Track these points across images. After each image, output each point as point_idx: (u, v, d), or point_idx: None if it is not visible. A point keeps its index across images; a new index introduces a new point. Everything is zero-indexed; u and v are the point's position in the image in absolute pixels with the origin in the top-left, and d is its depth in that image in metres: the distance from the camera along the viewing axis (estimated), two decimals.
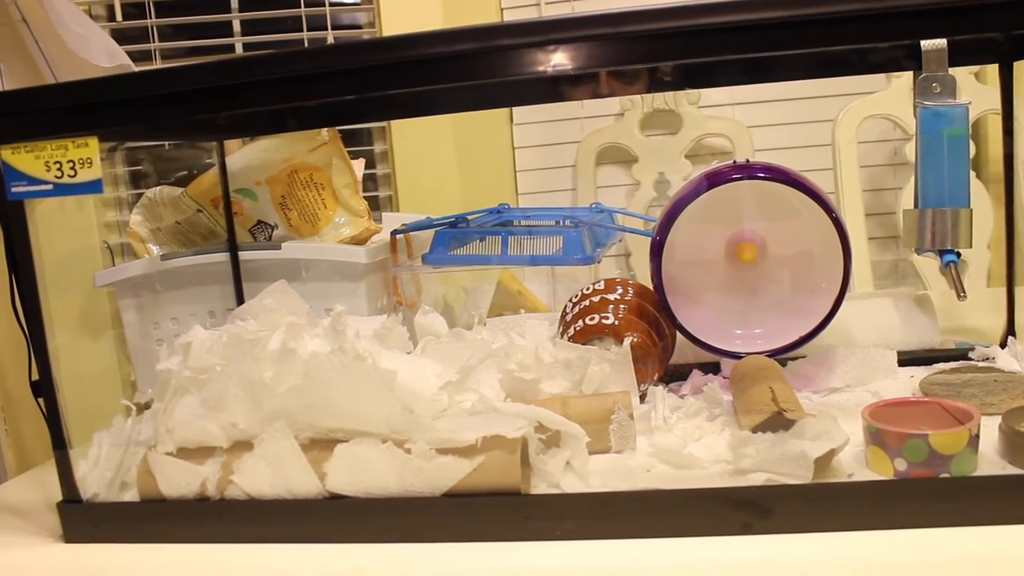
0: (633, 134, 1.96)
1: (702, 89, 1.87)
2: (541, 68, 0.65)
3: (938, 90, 0.71)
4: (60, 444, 0.75)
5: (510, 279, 1.24)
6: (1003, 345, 0.94)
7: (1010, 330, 0.96)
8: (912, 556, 0.60)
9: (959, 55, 0.68)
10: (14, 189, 0.72)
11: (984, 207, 1.66)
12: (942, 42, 0.68)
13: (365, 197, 1.19)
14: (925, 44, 0.68)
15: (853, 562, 0.60)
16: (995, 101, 0.96)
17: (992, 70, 0.94)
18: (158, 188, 1.18)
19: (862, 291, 1.62)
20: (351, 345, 0.73)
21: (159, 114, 0.73)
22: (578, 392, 0.83)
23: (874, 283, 1.80)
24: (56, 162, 0.72)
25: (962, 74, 0.72)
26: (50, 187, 0.72)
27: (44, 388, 0.75)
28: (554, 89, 0.89)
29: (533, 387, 0.81)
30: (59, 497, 0.75)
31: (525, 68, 0.65)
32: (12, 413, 2.01)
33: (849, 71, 0.91)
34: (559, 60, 0.64)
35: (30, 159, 0.72)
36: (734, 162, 0.87)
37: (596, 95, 0.87)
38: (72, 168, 0.72)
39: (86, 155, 0.71)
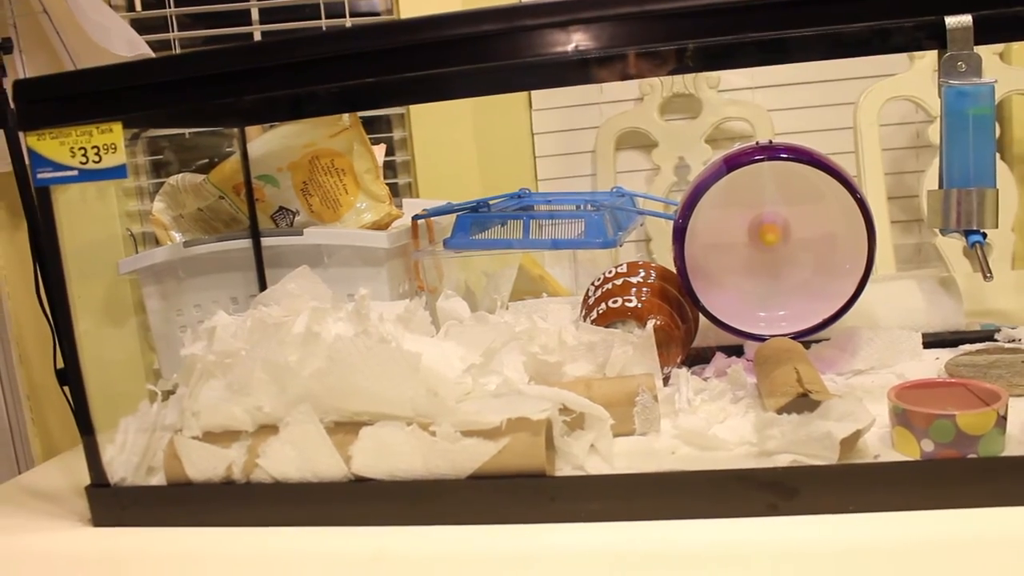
0: (653, 119, 1.95)
1: (722, 72, 1.86)
2: (564, 49, 0.64)
3: (963, 69, 0.71)
4: (88, 429, 0.75)
5: (531, 263, 1.24)
6: None
7: None
8: (939, 537, 0.59)
9: (985, 32, 0.67)
10: (40, 175, 0.72)
11: (1009, 189, 1.64)
12: (967, 19, 0.67)
13: (385, 184, 1.19)
14: (950, 21, 0.68)
15: (879, 543, 0.59)
16: (1020, 82, 0.95)
17: (1018, 50, 0.93)
18: (180, 175, 1.19)
19: (885, 273, 1.60)
20: (375, 328, 0.74)
21: (182, 99, 0.73)
22: (602, 375, 0.83)
23: (896, 266, 1.78)
24: (81, 148, 0.72)
25: (986, 54, 0.71)
26: (75, 173, 0.72)
27: (71, 374, 0.76)
28: (575, 71, 0.88)
29: (557, 370, 0.81)
30: (87, 482, 0.76)
31: (548, 49, 0.65)
32: (37, 402, 2.03)
33: (871, 51, 0.89)
34: (582, 40, 0.64)
35: (55, 145, 0.72)
36: (756, 143, 0.86)
37: (617, 77, 0.86)
38: (97, 154, 0.72)
39: (110, 140, 0.72)
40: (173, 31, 2.05)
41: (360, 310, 0.76)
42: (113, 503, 0.74)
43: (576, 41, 0.64)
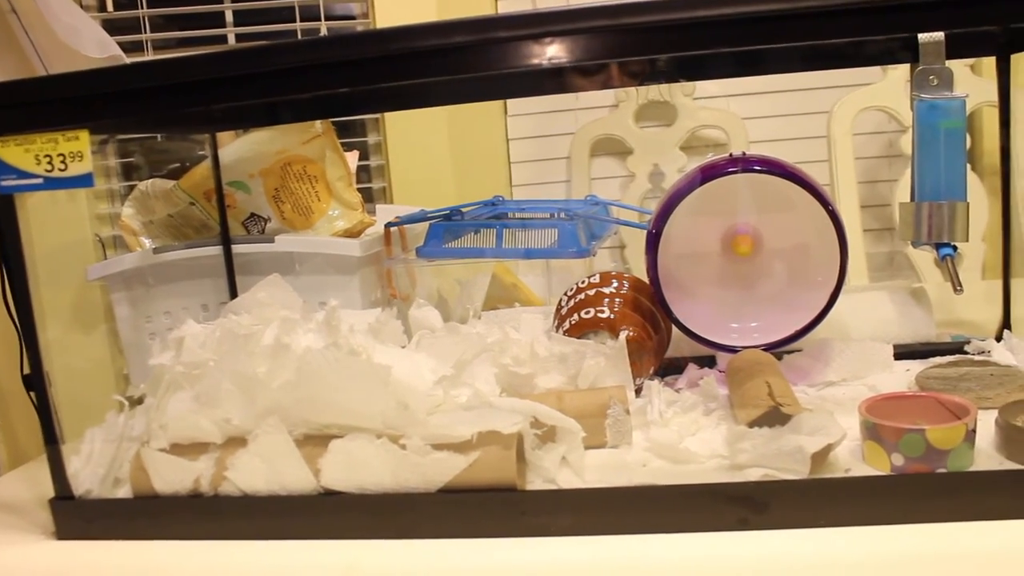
0: (628, 126, 1.95)
1: (697, 81, 1.86)
2: (537, 61, 0.64)
3: (935, 83, 0.71)
4: (52, 439, 0.74)
5: (505, 272, 1.23)
6: (999, 338, 0.94)
7: (1006, 323, 0.95)
8: (909, 551, 0.59)
9: (956, 48, 0.68)
10: (3, 183, 0.71)
11: (979, 199, 1.66)
12: (939, 35, 0.67)
13: (359, 188, 1.19)
14: (922, 37, 0.68)
15: (850, 558, 0.59)
16: (991, 93, 0.96)
17: (988, 62, 0.94)
18: (150, 181, 1.18)
19: (857, 284, 1.61)
20: (345, 340, 0.73)
21: (151, 107, 0.72)
22: (574, 386, 0.83)
23: (869, 275, 1.80)
24: (46, 155, 0.71)
25: (958, 66, 0.71)
26: (40, 181, 0.71)
27: (35, 384, 0.75)
28: (550, 81, 0.88)
29: (528, 382, 0.81)
30: (51, 493, 0.74)
31: (521, 61, 0.64)
32: (4, 407, 2.00)
33: (845, 63, 0.90)
34: (556, 53, 0.64)
35: (19, 152, 0.71)
36: (730, 155, 0.86)
37: (592, 87, 0.86)
38: (63, 161, 0.71)
39: (77, 148, 0.71)
40: (145, 32, 2.03)
41: (330, 321, 0.75)
42: (78, 516, 0.73)
43: (550, 53, 0.64)
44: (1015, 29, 0.81)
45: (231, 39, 2.08)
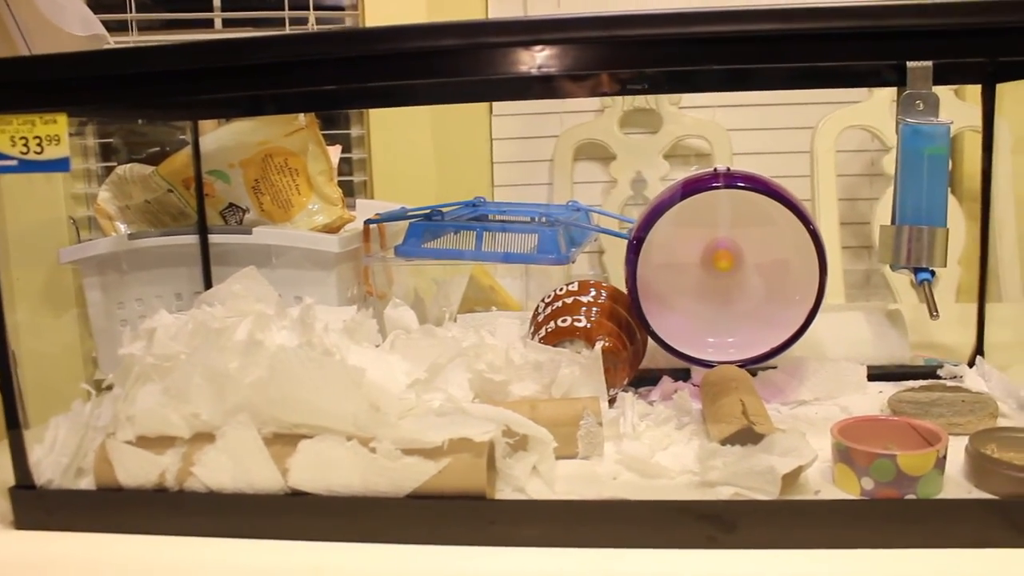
0: (612, 131, 1.95)
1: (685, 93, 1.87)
2: (527, 68, 0.64)
3: (921, 108, 0.71)
4: (14, 425, 0.72)
5: (483, 274, 1.23)
6: (971, 364, 0.95)
7: (979, 349, 0.96)
8: None
9: (943, 74, 0.68)
10: None
11: (957, 222, 1.67)
12: (928, 62, 0.68)
13: (340, 181, 1.18)
14: (911, 63, 0.68)
15: None
16: (973, 118, 0.97)
17: (972, 88, 0.95)
18: (128, 165, 1.16)
19: (834, 302, 1.62)
20: (319, 339, 0.72)
21: (133, 94, 0.71)
22: (548, 395, 0.82)
23: (845, 293, 1.81)
24: (22, 137, 0.69)
25: (942, 89, 0.71)
26: (15, 163, 0.70)
27: (0, 366, 0.73)
28: (537, 87, 0.88)
29: (502, 389, 0.81)
30: (11, 481, 0.73)
31: (511, 67, 0.64)
32: None
33: (833, 84, 0.91)
34: (546, 60, 0.63)
35: None
36: (715, 169, 0.86)
37: (579, 95, 0.86)
38: (39, 145, 0.69)
39: (54, 132, 0.69)
40: (131, 12, 2.01)
41: (305, 319, 0.74)
42: (38, 506, 0.72)
43: (539, 60, 0.63)
44: (1002, 61, 0.82)
45: (218, 23, 2.06)
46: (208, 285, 1.04)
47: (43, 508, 0.72)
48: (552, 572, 0.62)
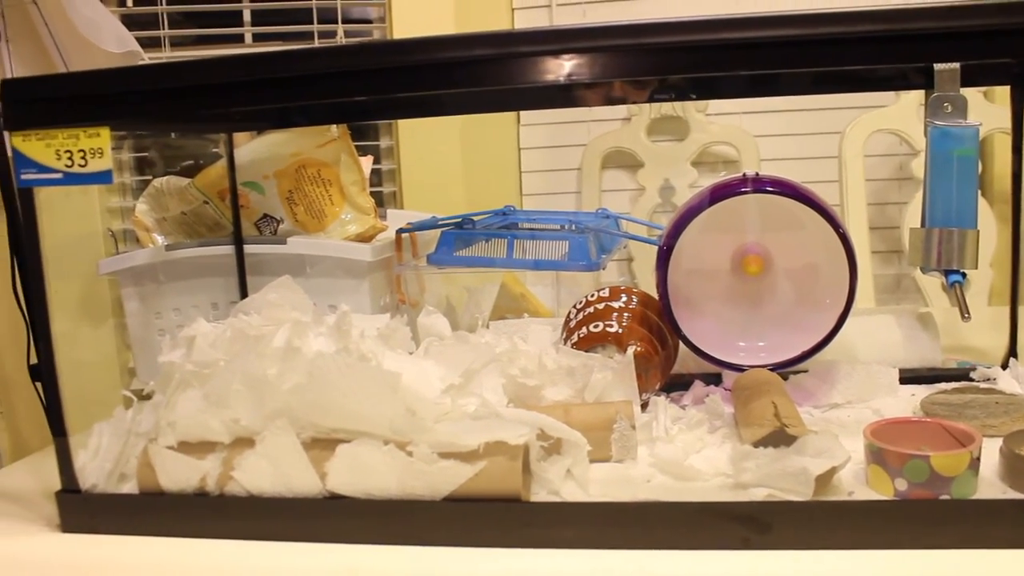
0: (639, 139, 1.96)
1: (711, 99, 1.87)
2: (556, 76, 0.65)
3: (949, 110, 0.71)
4: (60, 432, 0.74)
5: (514, 281, 1.24)
6: (1004, 366, 0.94)
7: (1012, 351, 0.96)
8: None
9: (971, 76, 0.68)
10: (24, 176, 0.72)
11: (988, 225, 1.66)
12: (955, 64, 0.68)
13: (370, 193, 1.19)
14: (938, 65, 0.68)
15: None
16: (1003, 120, 0.96)
17: (1002, 89, 0.95)
18: (165, 178, 1.18)
19: (864, 306, 1.62)
20: (356, 345, 0.73)
21: (172, 107, 0.73)
22: (580, 400, 0.83)
23: (876, 297, 1.80)
24: (67, 151, 0.71)
25: (971, 92, 0.72)
26: (60, 176, 0.72)
27: (45, 376, 0.75)
28: (565, 95, 0.89)
29: (536, 393, 0.81)
30: (57, 485, 0.75)
31: (541, 76, 0.65)
32: (8, 398, 2.00)
33: (860, 88, 0.91)
34: (575, 69, 0.64)
35: (40, 147, 0.72)
36: (743, 175, 0.87)
37: (607, 102, 0.87)
38: (83, 158, 0.71)
39: (97, 145, 0.71)
40: (164, 29, 2.04)
41: (341, 326, 0.76)
42: (84, 510, 0.74)
43: (568, 69, 0.64)
44: None
45: (248, 38, 2.09)
46: (244, 295, 1.06)
47: (88, 512, 0.73)
48: (587, 574, 0.63)
